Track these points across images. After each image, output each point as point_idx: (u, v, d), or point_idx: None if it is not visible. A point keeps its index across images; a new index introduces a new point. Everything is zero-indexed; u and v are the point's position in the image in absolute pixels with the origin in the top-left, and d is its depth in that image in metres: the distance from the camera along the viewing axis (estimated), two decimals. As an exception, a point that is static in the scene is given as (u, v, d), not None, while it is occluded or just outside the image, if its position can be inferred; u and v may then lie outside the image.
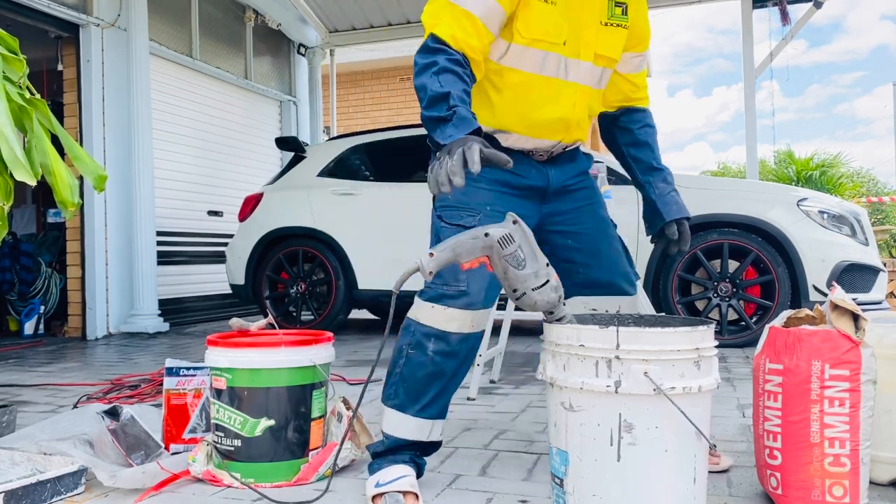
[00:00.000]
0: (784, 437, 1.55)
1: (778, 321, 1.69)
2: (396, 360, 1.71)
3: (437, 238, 1.72)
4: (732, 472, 1.87)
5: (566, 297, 1.88)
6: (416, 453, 1.74)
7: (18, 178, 1.81)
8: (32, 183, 1.86)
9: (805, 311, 1.71)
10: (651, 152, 1.91)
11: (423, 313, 1.67)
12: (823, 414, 1.51)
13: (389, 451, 1.71)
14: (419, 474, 1.74)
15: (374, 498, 1.64)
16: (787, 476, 1.54)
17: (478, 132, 1.45)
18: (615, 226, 1.99)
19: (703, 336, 1.35)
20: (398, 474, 1.65)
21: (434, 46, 1.57)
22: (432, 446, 1.76)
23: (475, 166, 1.34)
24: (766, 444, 1.59)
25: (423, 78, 1.53)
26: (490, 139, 1.72)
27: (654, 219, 1.88)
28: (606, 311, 1.85)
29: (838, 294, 1.55)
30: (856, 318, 1.53)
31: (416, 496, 1.63)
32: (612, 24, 1.76)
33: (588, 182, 1.93)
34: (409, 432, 1.69)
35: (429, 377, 1.67)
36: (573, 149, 1.89)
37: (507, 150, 1.74)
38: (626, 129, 1.94)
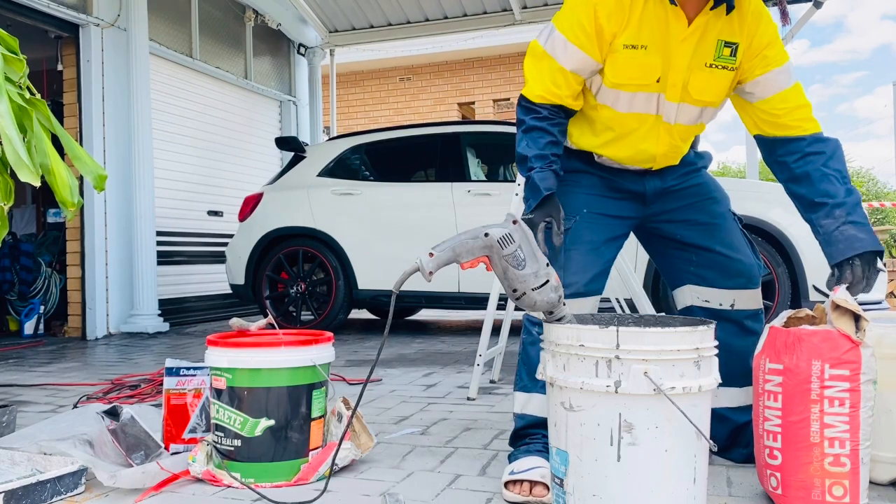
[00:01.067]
0: (784, 436, 1.55)
1: (778, 321, 1.69)
2: (519, 352, 1.87)
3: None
4: (732, 472, 1.86)
5: (679, 285, 1.96)
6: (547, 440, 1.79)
7: (23, 178, 1.81)
8: (37, 184, 1.86)
9: (805, 311, 1.71)
10: (811, 185, 1.69)
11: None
12: (823, 414, 1.51)
13: (521, 434, 1.82)
14: None
15: (506, 484, 1.70)
16: (787, 476, 1.54)
17: (547, 199, 1.68)
18: (740, 219, 1.95)
19: (703, 336, 1.35)
20: (532, 465, 1.70)
21: (526, 106, 1.78)
22: None
23: (542, 250, 1.55)
24: (766, 443, 1.59)
25: (518, 133, 1.79)
26: (587, 155, 1.89)
27: (828, 257, 1.68)
28: (720, 305, 1.90)
29: (840, 294, 1.55)
30: (856, 318, 1.53)
31: (546, 487, 1.65)
32: (716, 66, 1.73)
33: (697, 179, 1.93)
34: (535, 408, 1.80)
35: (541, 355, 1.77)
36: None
37: (604, 165, 1.89)
38: (782, 164, 1.77)
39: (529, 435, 1.81)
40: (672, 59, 1.71)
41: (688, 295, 1.94)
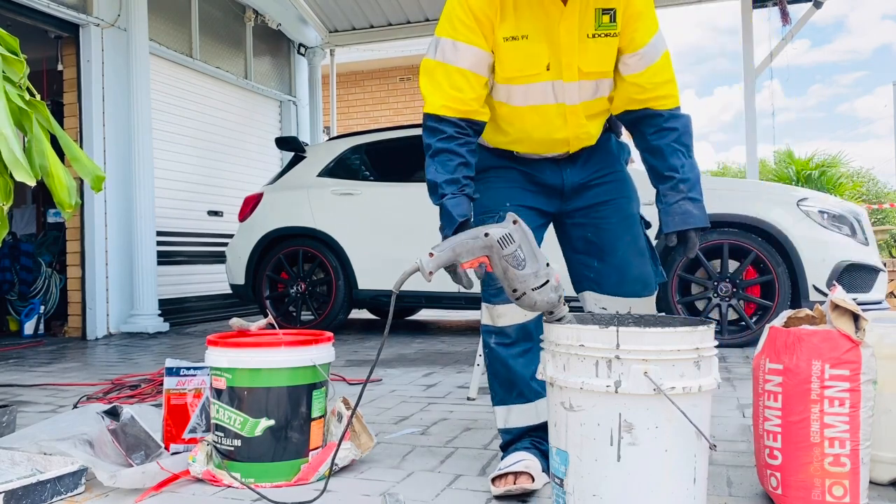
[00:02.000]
0: (784, 436, 1.55)
1: (778, 321, 1.69)
2: (486, 366, 1.88)
3: None
4: (732, 472, 1.86)
5: (580, 291, 1.95)
6: (537, 439, 1.82)
7: (18, 178, 1.81)
8: (32, 183, 1.86)
9: (805, 311, 1.71)
10: (663, 159, 1.79)
11: (483, 315, 1.84)
12: (823, 414, 1.51)
13: (510, 443, 1.85)
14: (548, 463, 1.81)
15: (492, 480, 1.72)
16: (788, 476, 1.54)
17: (462, 226, 1.64)
18: (648, 224, 1.96)
19: (703, 336, 1.35)
20: (516, 459, 1.74)
21: (430, 126, 1.72)
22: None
23: (468, 288, 1.52)
24: (766, 443, 1.59)
25: (426, 157, 1.71)
26: (507, 153, 1.89)
27: (660, 227, 1.81)
28: (617, 312, 1.85)
29: (839, 294, 1.55)
30: (856, 318, 1.53)
31: (531, 476, 1.68)
32: (599, 35, 1.72)
33: (615, 176, 1.91)
34: (517, 419, 1.82)
35: (505, 367, 1.80)
36: (594, 145, 1.90)
37: (523, 158, 1.87)
38: (640, 135, 1.84)
39: (519, 441, 1.84)
40: (559, 42, 1.70)
41: (588, 301, 1.93)
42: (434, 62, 1.71)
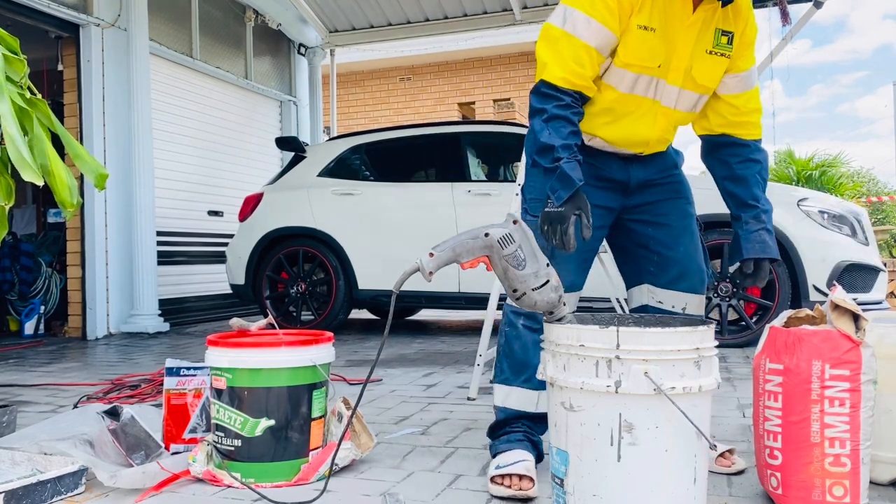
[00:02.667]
0: (784, 437, 1.55)
1: (778, 321, 1.69)
2: (499, 343, 1.88)
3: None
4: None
5: (636, 284, 2.00)
6: (529, 429, 1.83)
7: (26, 178, 1.81)
8: (39, 183, 1.86)
9: (805, 311, 1.71)
10: (747, 189, 1.86)
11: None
12: (824, 414, 1.51)
13: (501, 424, 1.84)
14: (539, 455, 1.83)
15: (492, 478, 1.71)
16: (788, 476, 1.54)
17: (578, 191, 1.63)
18: (701, 226, 2.03)
19: (704, 336, 1.35)
20: (517, 458, 1.73)
21: (545, 92, 1.69)
22: (545, 419, 1.82)
23: (570, 250, 1.61)
24: (766, 443, 1.59)
25: (534, 122, 1.69)
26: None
27: (734, 252, 1.88)
28: (673, 307, 1.94)
29: (839, 294, 1.55)
30: (856, 318, 1.53)
31: (532, 480, 1.68)
32: (715, 53, 1.78)
33: (676, 177, 1.97)
34: (516, 402, 1.82)
35: (524, 349, 1.80)
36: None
37: (591, 148, 1.87)
38: (724, 163, 1.89)
39: (510, 424, 1.84)
40: (676, 45, 1.74)
41: (645, 294, 1.98)
42: (560, 31, 1.69)
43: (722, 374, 3.20)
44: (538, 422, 1.84)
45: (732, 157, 1.87)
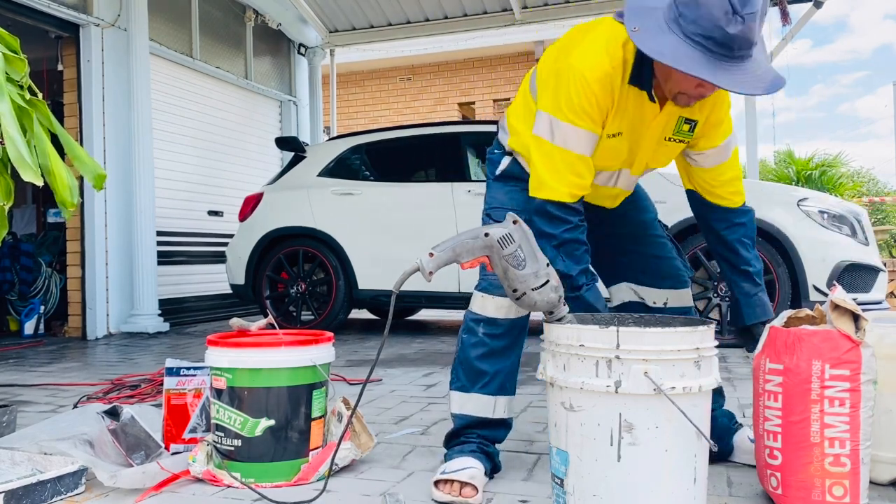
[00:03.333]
0: (784, 437, 1.55)
1: (778, 321, 1.69)
2: (456, 349, 1.87)
3: None
4: (732, 472, 1.86)
5: (617, 282, 2.04)
6: (484, 439, 1.81)
7: (26, 178, 1.81)
8: (39, 184, 1.85)
9: (805, 311, 1.71)
10: (737, 254, 1.89)
11: (475, 303, 1.83)
12: (824, 414, 1.51)
13: (457, 433, 1.83)
14: (494, 467, 1.82)
15: (435, 483, 1.70)
16: (788, 476, 1.54)
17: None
18: (666, 227, 2.09)
19: (703, 336, 1.35)
20: (463, 465, 1.72)
21: (553, 213, 1.67)
22: (502, 425, 1.85)
23: None
24: (766, 443, 1.59)
25: (544, 245, 1.59)
26: None
27: (736, 316, 1.93)
28: (654, 303, 1.99)
29: (839, 294, 1.55)
30: (856, 318, 1.53)
31: (475, 489, 1.67)
32: (673, 140, 1.79)
33: (634, 192, 2.03)
34: (473, 408, 1.81)
35: (482, 357, 1.80)
36: None
37: None
38: (710, 228, 1.93)
39: (465, 434, 1.83)
40: (640, 143, 1.77)
41: (625, 291, 2.03)
42: (552, 146, 1.66)
43: (722, 374, 3.20)
44: (496, 427, 1.83)
45: (718, 223, 1.90)
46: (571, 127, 1.64)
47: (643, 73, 1.64)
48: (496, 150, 1.98)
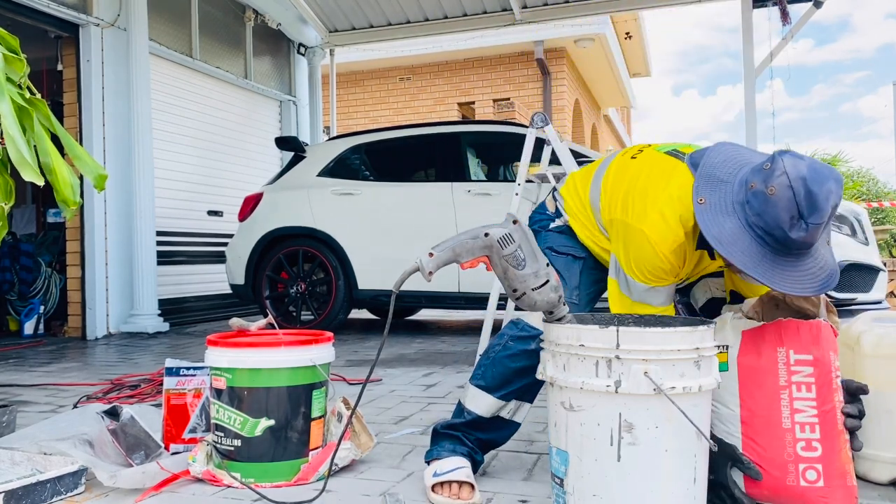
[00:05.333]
0: (822, 427, 1.54)
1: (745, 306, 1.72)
2: (494, 346, 1.80)
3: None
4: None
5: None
6: (476, 448, 1.79)
7: (27, 178, 1.81)
8: (40, 183, 1.85)
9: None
10: None
11: (535, 317, 1.75)
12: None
13: (457, 427, 1.78)
14: (475, 469, 1.79)
15: (433, 487, 1.68)
16: (829, 466, 1.53)
17: None
18: None
19: (703, 336, 1.35)
20: (455, 465, 1.71)
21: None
22: (507, 426, 1.81)
23: None
24: (798, 436, 1.59)
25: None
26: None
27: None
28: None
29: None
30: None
31: (472, 487, 1.67)
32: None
33: None
34: (481, 407, 1.77)
35: (521, 371, 1.74)
36: None
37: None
38: None
39: (464, 433, 1.79)
40: (702, 272, 1.79)
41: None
42: (632, 302, 1.69)
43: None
44: (486, 429, 1.81)
45: None
46: (646, 287, 1.66)
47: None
48: (547, 212, 1.95)
